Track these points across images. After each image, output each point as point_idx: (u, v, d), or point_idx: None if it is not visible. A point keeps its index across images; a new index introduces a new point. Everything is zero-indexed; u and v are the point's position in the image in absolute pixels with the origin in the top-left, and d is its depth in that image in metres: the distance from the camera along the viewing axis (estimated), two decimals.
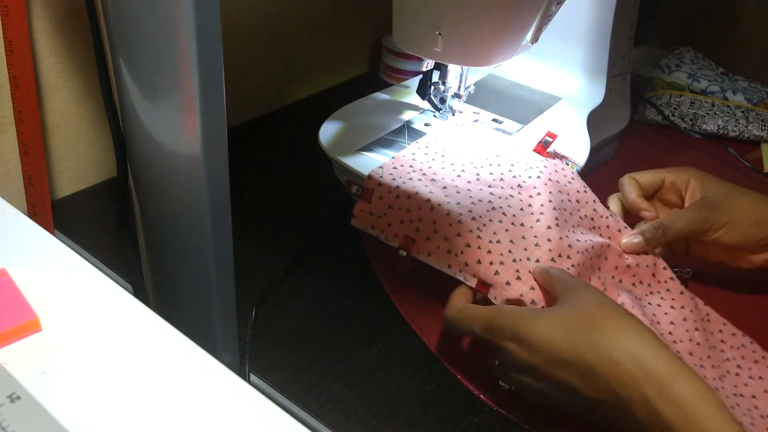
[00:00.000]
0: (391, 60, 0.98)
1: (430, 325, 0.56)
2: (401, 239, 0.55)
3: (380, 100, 0.73)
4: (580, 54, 0.77)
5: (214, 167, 0.38)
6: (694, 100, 0.94)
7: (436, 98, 0.68)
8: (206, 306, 0.45)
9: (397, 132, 0.67)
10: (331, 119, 0.67)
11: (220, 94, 0.37)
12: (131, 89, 0.39)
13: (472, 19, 0.55)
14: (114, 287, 0.37)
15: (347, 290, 0.59)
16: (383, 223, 0.56)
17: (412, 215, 0.55)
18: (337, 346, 0.53)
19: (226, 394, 0.32)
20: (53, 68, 0.63)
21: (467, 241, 0.53)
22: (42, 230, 0.40)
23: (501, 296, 0.51)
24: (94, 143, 0.70)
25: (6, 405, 0.29)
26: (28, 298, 0.34)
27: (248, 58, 0.83)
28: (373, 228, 0.57)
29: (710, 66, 1.05)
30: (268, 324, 0.55)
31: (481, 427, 0.48)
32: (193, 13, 0.33)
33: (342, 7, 0.94)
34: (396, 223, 0.55)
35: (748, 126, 0.92)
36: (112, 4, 0.37)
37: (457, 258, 0.53)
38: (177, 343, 0.34)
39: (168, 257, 0.46)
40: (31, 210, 0.62)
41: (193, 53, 0.34)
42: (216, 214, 0.40)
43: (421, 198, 0.55)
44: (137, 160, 0.43)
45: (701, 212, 0.59)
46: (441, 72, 0.66)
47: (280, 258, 0.61)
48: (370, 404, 0.49)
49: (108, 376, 0.32)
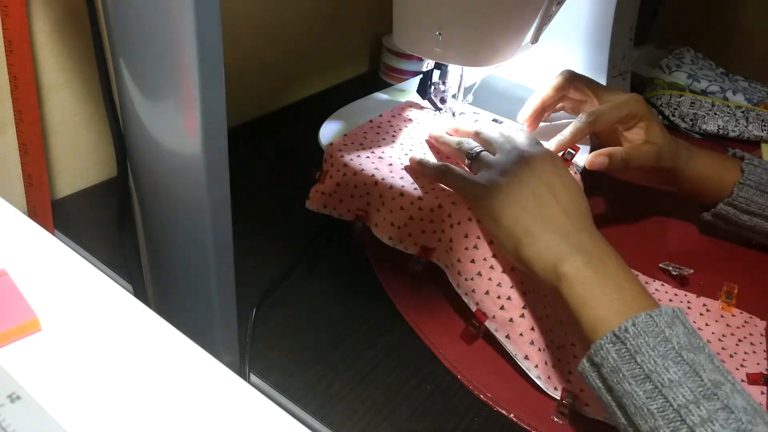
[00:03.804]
0: (391, 60, 0.98)
1: (430, 325, 0.56)
2: (353, 213, 0.59)
3: (380, 100, 0.73)
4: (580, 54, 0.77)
5: (214, 167, 0.38)
6: (694, 101, 0.95)
7: (436, 98, 0.68)
8: (206, 306, 0.45)
9: None
10: (331, 119, 0.67)
11: (220, 94, 0.36)
12: (131, 89, 0.39)
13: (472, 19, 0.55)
14: (114, 287, 0.37)
15: (347, 290, 0.59)
16: (335, 200, 0.59)
17: (359, 191, 0.58)
18: (337, 346, 0.53)
19: (226, 394, 0.32)
20: (53, 68, 0.63)
21: (410, 215, 0.55)
22: (42, 230, 0.40)
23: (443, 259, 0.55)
24: (94, 143, 0.70)
25: (6, 405, 0.29)
26: (27, 298, 0.34)
27: (248, 58, 0.83)
28: (326, 207, 0.60)
29: (710, 66, 1.05)
30: (268, 324, 0.55)
31: (481, 427, 0.48)
32: (193, 13, 0.33)
33: (342, 7, 0.94)
34: (347, 199, 0.59)
35: (748, 126, 0.92)
36: (112, 4, 0.37)
37: (400, 230, 0.55)
38: (177, 343, 0.34)
39: (168, 257, 0.46)
40: (31, 210, 0.62)
41: (193, 53, 0.34)
42: (216, 214, 0.40)
43: (367, 174, 0.57)
44: (137, 160, 0.43)
45: (628, 105, 0.65)
46: (441, 72, 0.66)
47: (280, 258, 0.61)
48: (370, 404, 0.49)
49: (108, 376, 0.32)
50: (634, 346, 0.40)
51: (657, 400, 0.38)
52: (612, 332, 0.41)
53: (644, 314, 0.41)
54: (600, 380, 0.42)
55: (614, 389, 0.40)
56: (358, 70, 1.05)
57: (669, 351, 0.39)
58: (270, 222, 0.66)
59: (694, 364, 0.39)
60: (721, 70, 1.04)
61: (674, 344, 0.40)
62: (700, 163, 0.66)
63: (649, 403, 0.38)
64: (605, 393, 0.41)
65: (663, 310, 0.41)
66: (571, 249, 0.46)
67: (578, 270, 0.45)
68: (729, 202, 0.65)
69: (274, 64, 0.88)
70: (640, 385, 0.39)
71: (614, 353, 0.40)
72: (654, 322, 0.40)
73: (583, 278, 0.44)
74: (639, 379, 0.39)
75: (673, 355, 0.39)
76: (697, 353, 0.39)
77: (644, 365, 0.39)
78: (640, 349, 0.40)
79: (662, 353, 0.39)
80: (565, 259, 0.46)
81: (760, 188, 0.64)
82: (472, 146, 0.58)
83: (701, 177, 0.66)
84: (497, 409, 0.50)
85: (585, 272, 0.45)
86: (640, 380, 0.39)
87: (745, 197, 0.64)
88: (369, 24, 1.02)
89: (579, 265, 0.45)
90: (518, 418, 0.49)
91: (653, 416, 0.38)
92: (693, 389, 0.38)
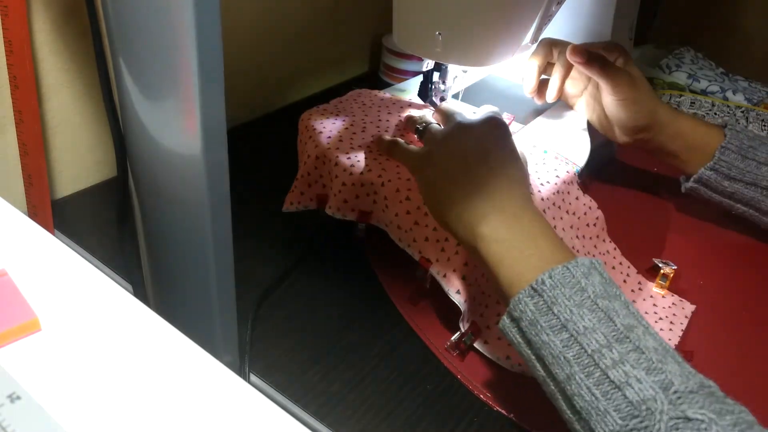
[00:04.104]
0: (391, 60, 0.98)
1: (430, 325, 0.56)
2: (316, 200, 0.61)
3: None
4: None
5: (214, 167, 0.38)
6: (694, 100, 0.95)
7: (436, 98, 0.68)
8: (206, 306, 0.45)
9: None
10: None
11: (220, 94, 0.36)
12: (131, 89, 0.39)
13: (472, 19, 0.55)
14: (114, 287, 0.37)
15: (347, 290, 0.59)
16: (296, 194, 0.62)
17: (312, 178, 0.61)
18: (336, 346, 0.53)
19: (226, 394, 0.32)
20: (53, 68, 0.63)
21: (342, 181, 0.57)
22: (42, 230, 0.40)
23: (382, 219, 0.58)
24: (94, 143, 0.70)
25: (6, 405, 0.29)
26: (27, 298, 0.34)
27: (248, 58, 0.83)
28: (291, 204, 0.62)
29: (710, 66, 1.05)
30: (268, 324, 0.55)
31: (481, 427, 0.48)
32: (193, 13, 0.33)
33: (342, 7, 0.94)
34: (305, 188, 0.62)
35: (748, 126, 0.92)
36: (112, 4, 0.37)
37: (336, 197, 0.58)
38: (177, 343, 0.34)
39: (168, 257, 0.46)
40: (31, 210, 0.62)
41: (193, 53, 0.34)
42: (216, 214, 0.40)
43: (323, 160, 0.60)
44: (137, 160, 0.43)
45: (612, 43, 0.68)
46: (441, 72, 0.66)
47: (280, 258, 0.61)
48: (370, 404, 0.49)
49: (108, 376, 0.32)
50: (551, 297, 0.40)
51: (573, 347, 0.39)
52: (530, 285, 0.41)
53: (561, 266, 0.41)
54: (519, 335, 0.42)
55: (533, 342, 0.41)
56: (358, 70, 1.05)
57: (585, 300, 0.40)
58: (270, 222, 0.66)
59: (608, 311, 0.39)
60: (721, 70, 1.04)
61: (590, 293, 0.40)
62: (682, 124, 0.67)
63: (566, 351, 0.39)
64: (525, 347, 0.42)
65: (579, 261, 0.42)
66: (490, 209, 0.46)
67: (494, 229, 0.45)
68: (711, 167, 0.65)
69: (274, 63, 0.88)
70: (557, 335, 0.40)
71: (532, 306, 0.41)
72: (570, 273, 0.41)
73: (499, 236, 0.45)
74: (556, 330, 0.40)
75: (588, 304, 0.40)
76: (612, 300, 0.40)
77: (560, 315, 0.40)
78: (556, 300, 0.40)
79: (578, 302, 0.40)
80: (482, 219, 0.46)
81: (741, 152, 0.64)
82: (423, 120, 0.59)
83: (683, 135, 0.67)
84: (497, 409, 0.50)
85: (500, 230, 0.45)
86: (557, 330, 0.40)
87: (727, 161, 0.64)
88: (369, 24, 1.02)
89: (495, 224, 0.45)
90: (518, 418, 0.49)
91: (569, 363, 0.39)
92: (606, 334, 0.38)
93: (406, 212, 0.55)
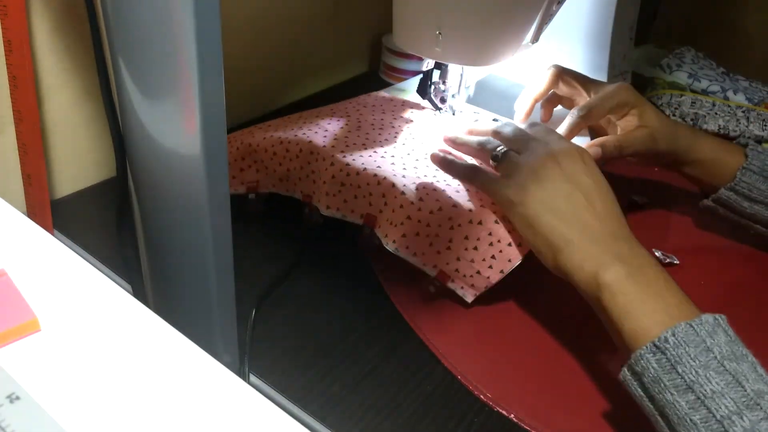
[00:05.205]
0: (391, 60, 0.98)
1: (430, 325, 0.56)
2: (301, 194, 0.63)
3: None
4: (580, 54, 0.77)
5: (214, 167, 0.38)
6: (694, 100, 0.94)
7: (436, 98, 0.68)
8: (206, 306, 0.45)
9: None
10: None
11: (220, 94, 0.36)
12: (131, 89, 0.39)
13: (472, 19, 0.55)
14: (113, 287, 0.37)
15: (347, 290, 0.59)
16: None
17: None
18: (336, 346, 0.53)
19: (226, 394, 0.32)
20: (53, 68, 0.63)
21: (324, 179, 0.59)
22: (41, 230, 0.40)
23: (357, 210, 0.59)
24: (93, 143, 0.70)
25: (5, 405, 0.29)
26: (27, 298, 0.34)
27: (248, 57, 0.83)
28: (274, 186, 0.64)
29: (711, 66, 1.05)
30: (268, 324, 0.55)
31: (481, 427, 0.48)
32: (193, 13, 0.33)
33: (342, 6, 0.94)
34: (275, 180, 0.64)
35: (749, 126, 0.92)
36: (112, 4, 0.37)
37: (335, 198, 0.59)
38: (176, 344, 0.34)
39: (168, 257, 0.46)
40: (31, 210, 0.62)
41: (193, 53, 0.34)
42: (216, 214, 0.40)
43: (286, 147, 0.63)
44: (137, 160, 0.43)
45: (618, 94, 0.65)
46: (441, 72, 0.66)
47: (280, 258, 0.61)
48: (370, 404, 0.49)
49: (107, 377, 0.32)
50: (675, 356, 0.40)
51: (700, 410, 0.38)
52: (652, 342, 0.41)
53: (684, 324, 0.40)
54: (641, 389, 0.42)
55: (656, 399, 0.40)
56: (358, 69, 1.05)
57: (710, 361, 0.39)
58: (270, 222, 0.66)
59: (736, 374, 0.39)
60: (721, 69, 1.04)
61: (716, 354, 0.39)
62: (703, 147, 0.65)
63: (692, 413, 0.38)
64: (647, 402, 0.41)
65: (703, 319, 0.41)
66: (611, 258, 0.46)
67: (619, 280, 0.45)
68: (731, 187, 0.64)
69: (273, 63, 0.87)
70: (682, 395, 0.39)
71: (655, 363, 0.40)
72: (694, 332, 0.40)
73: (625, 288, 0.44)
74: (681, 390, 0.39)
75: (714, 365, 0.39)
76: (740, 362, 0.39)
77: (685, 375, 0.39)
78: (680, 359, 0.39)
79: (704, 363, 0.39)
80: (605, 268, 0.45)
81: (763, 174, 0.63)
82: (495, 146, 0.57)
83: (703, 161, 0.66)
84: (497, 409, 0.49)
85: (626, 282, 0.45)
86: (682, 391, 0.39)
87: (748, 182, 0.63)
88: (369, 24, 1.02)
89: (620, 275, 0.45)
90: (518, 418, 0.49)
91: (696, 427, 0.38)
92: (736, 400, 0.38)
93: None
